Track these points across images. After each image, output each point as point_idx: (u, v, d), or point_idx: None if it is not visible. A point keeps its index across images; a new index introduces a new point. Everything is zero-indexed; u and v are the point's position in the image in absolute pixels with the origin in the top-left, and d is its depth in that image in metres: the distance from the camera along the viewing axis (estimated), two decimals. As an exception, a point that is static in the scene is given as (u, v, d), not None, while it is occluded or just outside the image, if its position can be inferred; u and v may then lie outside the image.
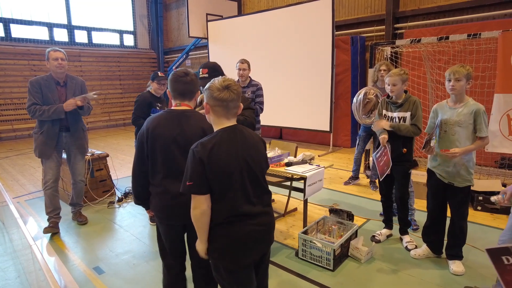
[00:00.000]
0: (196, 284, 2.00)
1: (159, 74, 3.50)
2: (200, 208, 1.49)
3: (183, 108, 1.83)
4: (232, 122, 1.56)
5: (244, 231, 1.52)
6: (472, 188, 2.54)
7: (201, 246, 1.59)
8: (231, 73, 4.00)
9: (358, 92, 4.05)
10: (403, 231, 3.00)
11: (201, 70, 2.84)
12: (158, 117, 1.82)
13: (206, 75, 2.51)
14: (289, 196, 3.70)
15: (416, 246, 2.87)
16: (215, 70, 2.55)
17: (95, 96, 3.32)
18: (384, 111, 2.90)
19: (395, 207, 3.12)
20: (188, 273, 2.01)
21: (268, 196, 1.64)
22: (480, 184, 3.78)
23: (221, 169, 1.47)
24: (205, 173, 1.46)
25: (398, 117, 2.79)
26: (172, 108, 1.85)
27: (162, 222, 1.87)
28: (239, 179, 1.50)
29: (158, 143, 1.77)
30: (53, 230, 3.28)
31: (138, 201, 1.95)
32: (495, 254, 0.94)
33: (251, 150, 1.55)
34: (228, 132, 1.53)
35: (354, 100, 4.02)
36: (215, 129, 1.55)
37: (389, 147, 2.79)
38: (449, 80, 2.39)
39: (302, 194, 2.98)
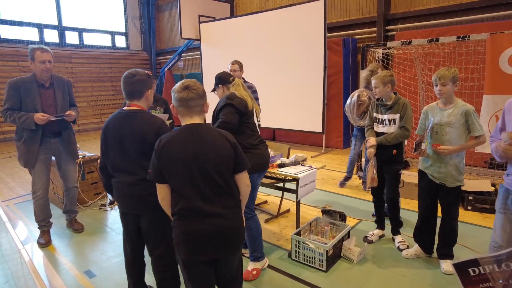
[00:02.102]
0: (154, 273, 2.11)
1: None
2: (159, 194, 1.66)
3: (130, 108, 1.94)
4: (195, 120, 1.64)
5: (194, 227, 1.57)
6: (462, 188, 2.58)
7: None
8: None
9: (352, 94, 4.07)
10: (395, 231, 3.02)
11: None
12: (112, 116, 1.98)
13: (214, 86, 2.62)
14: (282, 198, 3.70)
15: (408, 246, 2.90)
16: (214, 81, 2.59)
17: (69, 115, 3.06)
18: (374, 114, 2.93)
19: (386, 208, 3.15)
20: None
21: (229, 198, 1.63)
22: (470, 184, 3.83)
23: (169, 164, 1.57)
24: (158, 166, 1.59)
25: (388, 119, 2.82)
26: (123, 108, 1.97)
27: (119, 208, 2.07)
28: (188, 175, 1.56)
29: (109, 141, 1.95)
30: (49, 243, 3.16)
31: (106, 190, 2.16)
32: (462, 267, 0.95)
33: (207, 149, 1.57)
34: (185, 130, 1.60)
35: (348, 102, 4.04)
36: None
37: (375, 161, 2.87)
38: (436, 85, 2.43)
39: (295, 195, 2.99)
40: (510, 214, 1.87)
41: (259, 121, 2.67)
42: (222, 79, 2.55)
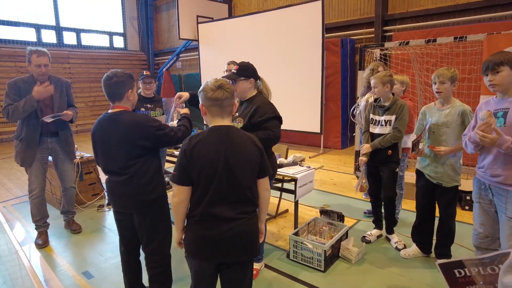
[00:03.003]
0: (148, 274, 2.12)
1: (144, 73, 3.33)
2: (176, 196, 1.56)
3: (114, 111, 1.97)
4: (226, 121, 1.59)
5: (211, 232, 1.52)
6: (459, 188, 2.59)
7: (175, 234, 1.68)
8: (222, 74, 3.99)
9: (365, 98, 3.77)
10: (390, 230, 3.01)
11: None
12: (98, 120, 2.00)
13: (234, 71, 2.34)
14: (280, 198, 3.70)
15: (404, 245, 2.91)
16: (245, 69, 2.34)
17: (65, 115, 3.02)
18: (371, 115, 2.94)
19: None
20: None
21: (249, 204, 1.59)
22: (467, 184, 3.83)
23: (200, 165, 1.51)
24: (187, 166, 1.51)
25: (385, 120, 2.82)
26: (108, 111, 2.00)
27: (113, 208, 2.10)
28: (216, 178, 1.51)
29: (98, 145, 2.00)
30: (46, 244, 3.14)
31: None
32: (447, 268, 0.95)
33: (237, 154, 1.53)
34: (217, 131, 1.55)
35: (361, 107, 3.77)
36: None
37: (366, 169, 2.97)
38: (435, 83, 2.45)
39: (293, 195, 3.00)
40: (484, 203, 2.05)
41: None
42: (256, 73, 2.36)
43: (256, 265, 2.60)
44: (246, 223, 1.56)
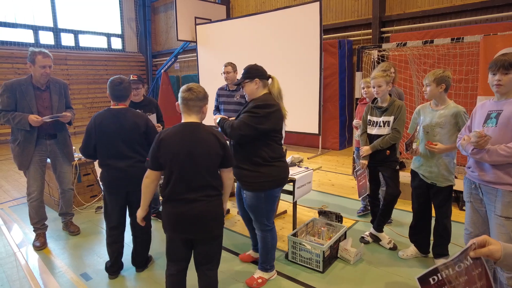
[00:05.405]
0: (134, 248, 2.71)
1: (131, 77, 3.20)
2: (147, 178, 1.93)
3: (120, 107, 2.45)
4: (193, 118, 1.89)
5: (177, 210, 1.83)
6: (455, 188, 2.61)
7: (140, 212, 2.06)
8: (220, 76, 4.00)
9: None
10: (380, 228, 2.99)
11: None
12: (102, 115, 2.42)
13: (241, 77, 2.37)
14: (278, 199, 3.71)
15: (394, 244, 2.93)
16: (247, 71, 2.31)
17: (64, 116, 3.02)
18: (368, 117, 2.94)
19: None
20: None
21: (212, 189, 1.88)
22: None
23: (165, 155, 1.82)
24: (156, 154, 1.85)
25: (383, 121, 2.83)
26: (111, 107, 2.45)
27: (109, 191, 2.52)
28: (180, 166, 1.80)
29: (103, 134, 2.38)
30: (45, 246, 3.13)
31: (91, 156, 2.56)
32: (424, 279, 0.99)
33: (198, 146, 1.82)
34: (184, 127, 1.86)
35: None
36: None
37: (368, 172, 2.97)
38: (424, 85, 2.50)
39: (292, 196, 3.00)
40: (475, 202, 2.08)
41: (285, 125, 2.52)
42: (261, 72, 2.29)
43: (264, 274, 2.51)
44: (207, 204, 1.85)
